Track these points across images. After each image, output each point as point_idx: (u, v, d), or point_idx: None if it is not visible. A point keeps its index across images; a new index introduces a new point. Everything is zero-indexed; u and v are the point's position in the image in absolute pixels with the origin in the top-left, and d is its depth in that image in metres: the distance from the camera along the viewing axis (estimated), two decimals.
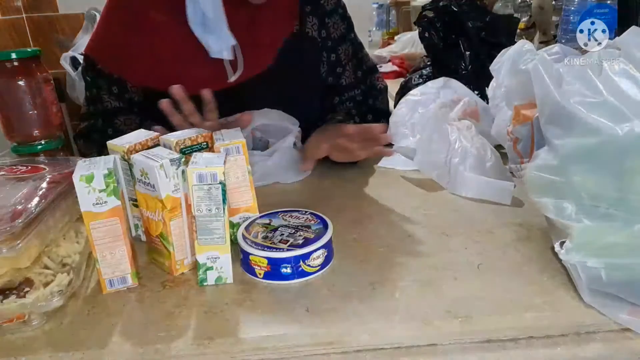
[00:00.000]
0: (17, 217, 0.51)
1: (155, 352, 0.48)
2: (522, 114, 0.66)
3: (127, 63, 0.91)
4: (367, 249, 0.63)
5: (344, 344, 0.49)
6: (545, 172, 0.53)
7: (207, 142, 0.65)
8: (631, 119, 0.48)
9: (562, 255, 0.52)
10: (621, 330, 0.49)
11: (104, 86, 0.93)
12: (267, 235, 0.59)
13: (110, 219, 0.55)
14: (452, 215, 0.71)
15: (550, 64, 0.56)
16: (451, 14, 1.06)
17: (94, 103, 0.94)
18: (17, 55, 0.80)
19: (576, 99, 0.51)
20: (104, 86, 0.93)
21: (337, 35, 1.00)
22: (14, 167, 0.64)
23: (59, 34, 2.51)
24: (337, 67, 1.01)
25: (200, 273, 0.57)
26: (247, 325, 0.50)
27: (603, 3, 0.86)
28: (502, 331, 0.49)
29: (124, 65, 0.91)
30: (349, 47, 1.01)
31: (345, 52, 1.01)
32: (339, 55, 1.00)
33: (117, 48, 0.91)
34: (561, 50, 0.63)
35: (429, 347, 0.49)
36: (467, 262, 0.59)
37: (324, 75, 1.01)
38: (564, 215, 0.52)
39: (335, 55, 1.00)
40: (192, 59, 0.90)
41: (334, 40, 0.99)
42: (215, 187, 0.55)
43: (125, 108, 0.94)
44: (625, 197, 0.49)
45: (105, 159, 0.58)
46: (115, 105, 0.93)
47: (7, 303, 0.50)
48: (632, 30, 0.54)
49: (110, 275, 0.57)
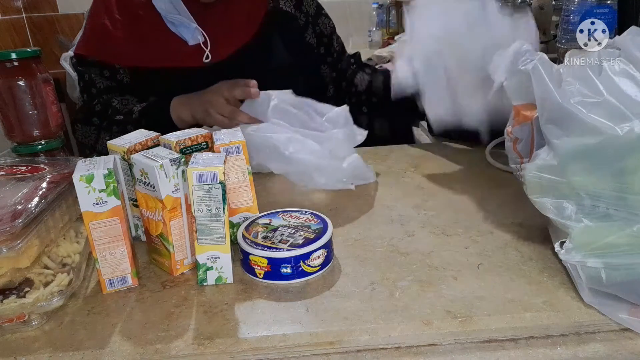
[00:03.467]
0: (17, 217, 0.51)
1: (155, 352, 0.48)
2: (522, 114, 0.66)
3: (113, 49, 1.00)
4: (367, 249, 0.63)
5: (344, 344, 0.49)
6: (545, 172, 0.53)
7: (207, 142, 0.65)
8: (631, 119, 0.48)
9: (562, 255, 0.52)
10: (621, 330, 0.49)
11: (96, 71, 1.01)
12: (267, 235, 0.59)
13: (110, 219, 0.55)
14: (452, 215, 0.71)
15: (550, 64, 0.56)
16: None
17: (88, 88, 1.01)
18: (17, 55, 0.80)
19: (576, 99, 0.51)
20: (96, 71, 1.01)
21: (312, 11, 1.11)
22: (14, 167, 0.64)
23: (59, 34, 2.51)
24: (323, 38, 1.12)
25: (200, 273, 0.57)
26: (247, 325, 0.50)
27: (603, 3, 0.86)
28: (502, 331, 0.49)
29: (111, 51, 1.00)
30: (326, 20, 1.13)
31: (323, 24, 1.12)
32: (320, 27, 1.11)
33: (103, 39, 1.00)
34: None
35: (429, 347, 0.49)
36: (467, 262, 0.59)
37: (315, 45, 1.11)
38: (564, 215, 0.52)
39: (318, 27, 1.11)
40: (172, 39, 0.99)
41: (311, 15, 1.11)
42: (215, 187, 0.55)
43: (118, 88, 1.01)
44: (625, 197, 0.49)
45: (105, 159, 0.58)
46: (108, 84, 1.01)
47: (7, 303, 0.50)
48: (632, 30, 0.54)
49: (110, 275, 0.57)
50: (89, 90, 1.01)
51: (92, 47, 1.01)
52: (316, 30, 1.11)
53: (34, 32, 2.53)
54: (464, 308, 0.51)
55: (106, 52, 1.00)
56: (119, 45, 0.99)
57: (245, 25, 1.03)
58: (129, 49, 0.99)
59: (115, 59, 1.00)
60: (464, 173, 0.87)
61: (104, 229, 0.55)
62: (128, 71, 1.01)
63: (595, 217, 0.50)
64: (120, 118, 0.96)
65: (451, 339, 0.49)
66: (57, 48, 2.38)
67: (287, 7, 1.09)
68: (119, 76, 1.01)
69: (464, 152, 0.99)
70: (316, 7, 1.12)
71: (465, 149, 1.00)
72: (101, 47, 1.00)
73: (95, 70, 1.01)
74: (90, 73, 1.01)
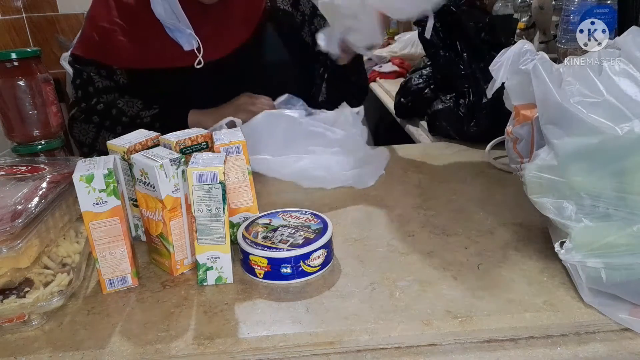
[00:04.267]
0: (17, 217, 0.51)
1: (155, 352, 0.48)
2: (522, 114, 0.66)
3: (111, 51, 1.00)
4: (367, 248, 0.63)
5: (344, 344, 0.49)
6: (545, 172, 0.53)
7: (207, 142, 0.65)
8: (631, 119, 0.48)
9: (562, 255, 0.52)
10: (621, 330, 0.49)
11: (94, 70, 1.01)
12: (267, 235, 0.59)
13: (110, 219, 0.55)
14: (452, 215, 0.71)
15: (550, 64, 0.56)
16: (451, 14, 1.06)
17: (85, 86, 1.02)
18: (17, 55, 0.80)
19: (576, 99, 0.51)
20: (94, 70, 1.01)
21: (308, 11, 1.13)
22: (14, 167, 0.64)
23: (59, 34, 2.51)
24: None
25: (200, 273, 0.57)
26: (247, 325, 0.50)
27: (603, 3, 0.86)
28: (502, 331, 0.49)
29: (109, 53, 1.00)
30: (322, 20, 1.13)
31: (319, 23, 1.12)
32: (316, 26, 1.12)
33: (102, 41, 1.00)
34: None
35: (429, 347, 0.49)
36: (467, 262, 0.59)
37: (311, 44, 1.10)
38: (564, 215, 0.52)
39: (314, 26, 1.12)
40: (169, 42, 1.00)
41: (307, 15, 1.13)
42: (215, 187, 0.55)
43: (115, 88, 1.02)
44: (625, 196, 0.49)
45: (105, 159, 0.58)
46: (106, 84, 1.01)
47: (7, 303, 0.50)
48: (632, 30, 0.54)
49: (110, 275, 0.57)
50: (86, 88, 1.02)
51: (90, 48, 1.02)
52: (312, 29, 1.12)
53: (34, 32, 2.53)
54: (464, 308, 0.51)
55: (104, 54, 1.01)
56: (117, 48, 1.00)
57: (244, 23, 1.04)
58: (128, 51, 1.00)
59: (113, 60, 1.01)
60: (464, 173, 0.87)
61: (104, 229, 0.55)
62: (125, 73, 1.02)
63: (595, 217, 0.50)
64: (126, 120, 0.97)
65: (451, 339, 0.49)
66: (57, 48, 2.38)
67: (284, 6, 1.10)
68: (116, 77, 1.02)
69: (464, 152, 0.99)
70: (312, 7, 1.14)
71: (465, 149, 1.00)
72: (99, 49, 1.01)
73: (92, 69, 1.01)
74: (88, 72, 1.02)
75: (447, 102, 1.06)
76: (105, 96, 1.01)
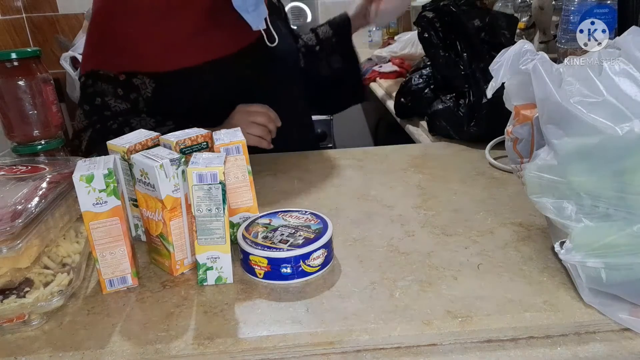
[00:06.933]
0: (17, 217, 0.51)
1: (155, 352, 0.48)
2: (522, 114, 0.66)
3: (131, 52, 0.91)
4: (367, 248, 0.63)
5: (344, 344, 0.49)
6: (545, 172, 0.53)
7: (207, 142, 0.65)
8: (631, 119, 0.48)
9: (562, 255, 0.52)
10: (621, 330, 0.49)
11: (110, 90, 0.92)
12: (267, 235, 0.59)
13: (110, 219, 0.55)
14: (452, 215, 0.71)
15: (550, 64, 0.56)
16: (451, 14, 1.06)
17: (100, 111, 0.93)
18: (17, 55, 0.80)
19: (576, 99, 0.51)
20: (110, 90, 0.92)
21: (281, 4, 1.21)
22: (14, 167, 0.64)
23: (59, 34, 2.51)
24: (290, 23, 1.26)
25: (200, 273, 0.57)
26: (247, 325, 0.50)
27: (603, 3, 0.86)
28: (502, 331, 0.49)
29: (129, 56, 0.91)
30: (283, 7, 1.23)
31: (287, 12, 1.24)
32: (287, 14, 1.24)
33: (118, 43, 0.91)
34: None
35: (429, 347, 0.49)
36: (467, 262, 0.59)
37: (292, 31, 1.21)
38: (564, 215, 0.52)
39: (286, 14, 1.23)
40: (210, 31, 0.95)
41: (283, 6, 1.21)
42: (215, 187, 0.55)
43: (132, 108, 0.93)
44: (625, 197, 0.49)
45: (105, 159, 0.58)
46: (124, 107, 0.93)
47: (7, 303, 0.50)
48: (632, 30, 0.54)
49: (110, 275, 0.57)
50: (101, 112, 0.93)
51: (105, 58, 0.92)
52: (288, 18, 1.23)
53: (34, 32, 2.53)
54: (464, 308, 0.51)
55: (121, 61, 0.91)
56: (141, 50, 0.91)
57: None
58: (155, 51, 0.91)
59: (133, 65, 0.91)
60: (464, 173, 0.87)
61: (104, 229, 0.55)
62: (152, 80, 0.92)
63: (595, 217, 0.50)
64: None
65: (451, 339, 0.49)
66: (57, 48, 2.38)
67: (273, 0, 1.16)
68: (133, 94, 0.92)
69: (464, 152, 0.99)
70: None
71: (465, 149, 1.00)
72: (115, 54, 0.91)
73: (107, 89, 0.92)
74: (102, 95, 0.92)
75: (447, 102, 1.06)
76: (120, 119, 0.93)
